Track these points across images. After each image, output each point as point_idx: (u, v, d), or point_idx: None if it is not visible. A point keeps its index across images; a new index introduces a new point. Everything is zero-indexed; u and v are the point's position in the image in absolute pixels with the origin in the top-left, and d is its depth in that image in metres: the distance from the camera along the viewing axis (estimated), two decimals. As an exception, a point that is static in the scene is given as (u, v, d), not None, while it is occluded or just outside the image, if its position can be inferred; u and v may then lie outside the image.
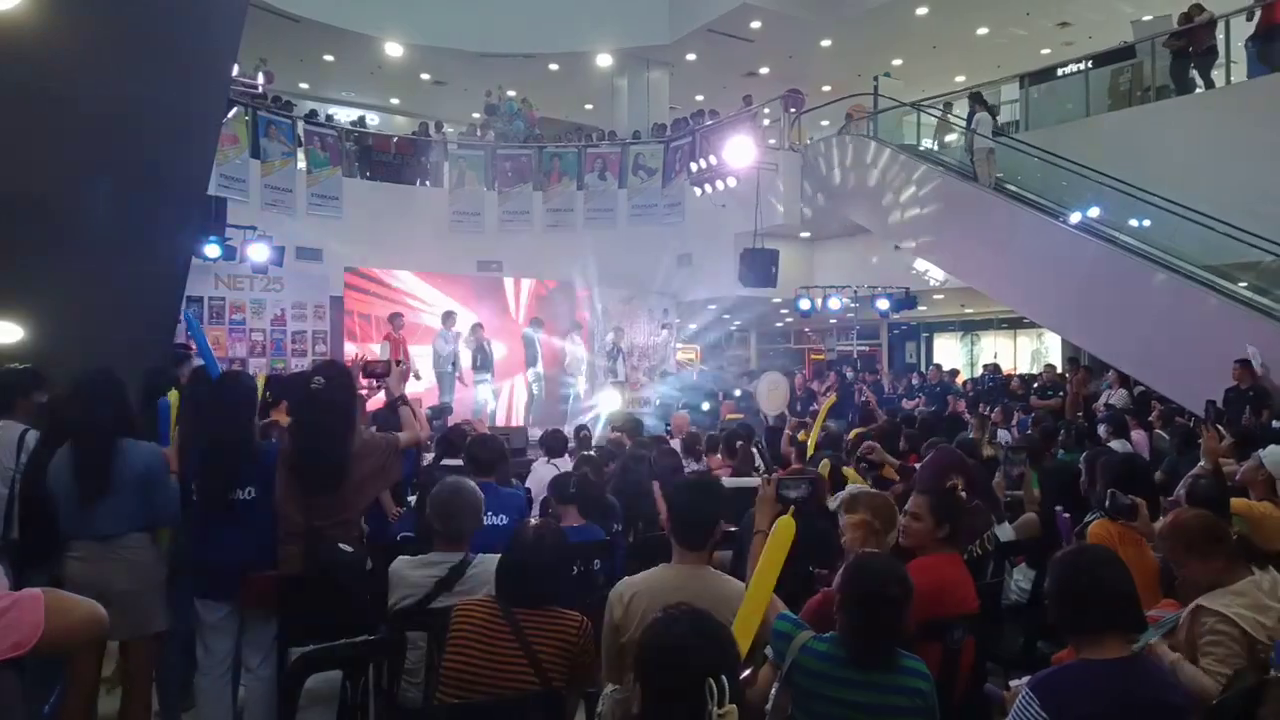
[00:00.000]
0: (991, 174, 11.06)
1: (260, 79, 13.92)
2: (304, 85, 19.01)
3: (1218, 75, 10.33)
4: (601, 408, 12.24)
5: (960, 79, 15.58)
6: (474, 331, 11.78)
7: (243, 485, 3.18)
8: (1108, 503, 3.49)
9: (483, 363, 11.78)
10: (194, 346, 5.97)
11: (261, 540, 3.17)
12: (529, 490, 5.03)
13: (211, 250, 9.62)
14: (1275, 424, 5.77)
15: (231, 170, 12.27)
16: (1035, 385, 11.48)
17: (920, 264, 13.02)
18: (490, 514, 3.87)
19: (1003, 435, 8.40)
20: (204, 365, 4.72)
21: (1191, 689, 2.32)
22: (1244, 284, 8.83)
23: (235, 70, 10.22)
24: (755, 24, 15.47)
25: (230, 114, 11.81)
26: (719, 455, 6.19)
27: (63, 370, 3.76)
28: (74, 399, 3.27)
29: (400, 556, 3.04)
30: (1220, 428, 5.61)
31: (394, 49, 16.70)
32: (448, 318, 11.52)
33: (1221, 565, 2.59)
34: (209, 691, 3.24)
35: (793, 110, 14.27)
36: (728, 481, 3.83)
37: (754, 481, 4.17)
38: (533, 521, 2.61)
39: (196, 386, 3.81)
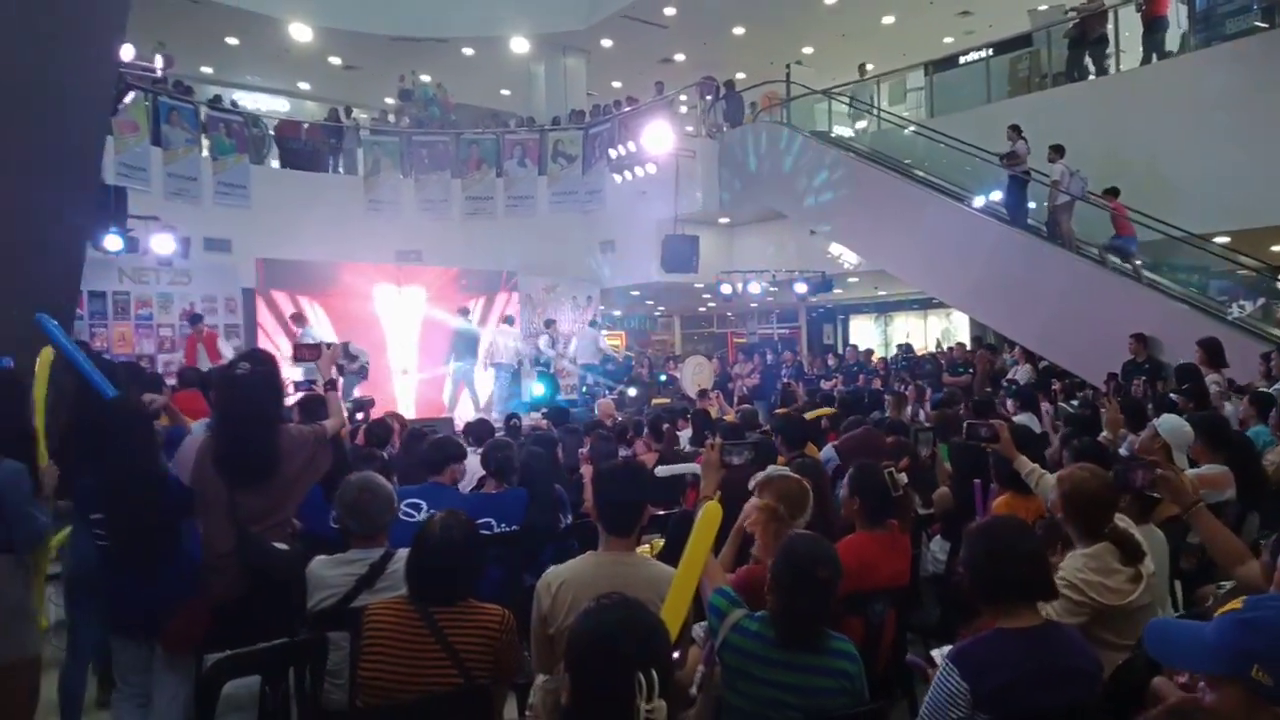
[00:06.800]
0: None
1: (159, 62, 13.26)
2: (207, 69, 18.23)
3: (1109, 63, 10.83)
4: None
5: (870, 67, 15.92)
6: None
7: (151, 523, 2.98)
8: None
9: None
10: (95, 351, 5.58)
11: (175, 573, 2.97)
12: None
13: (112, 242, 9.10)
14: (1173, 396, 6.07)
15: (131, 159, 11.74)
16: (944, 362, 11.85)
17: (835, 248, 13.30)
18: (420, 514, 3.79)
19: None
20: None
21: None
22: (1138, 262, 9.30)
23: (132, 53, 9.71)
24: (669, 10, 15.49)
25: (128, 99, 11.23)
26: (643, 440, 6.22)
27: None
28: None
29: (317, 557, 2.95)
30: (1119, 399, 5.89)
31: (301, 32, 16.11)
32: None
33: (1094, 528, 2.72)
34: (122, 714, 3.11)
35: (709, 98, 14.36)
36: (660, 470, 3.79)
37: (690, 467, 4.18)
38: (437, 515, 2.50)
39: (84, 410, 3.54)
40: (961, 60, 13.04)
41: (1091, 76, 10.73)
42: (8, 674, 2.93)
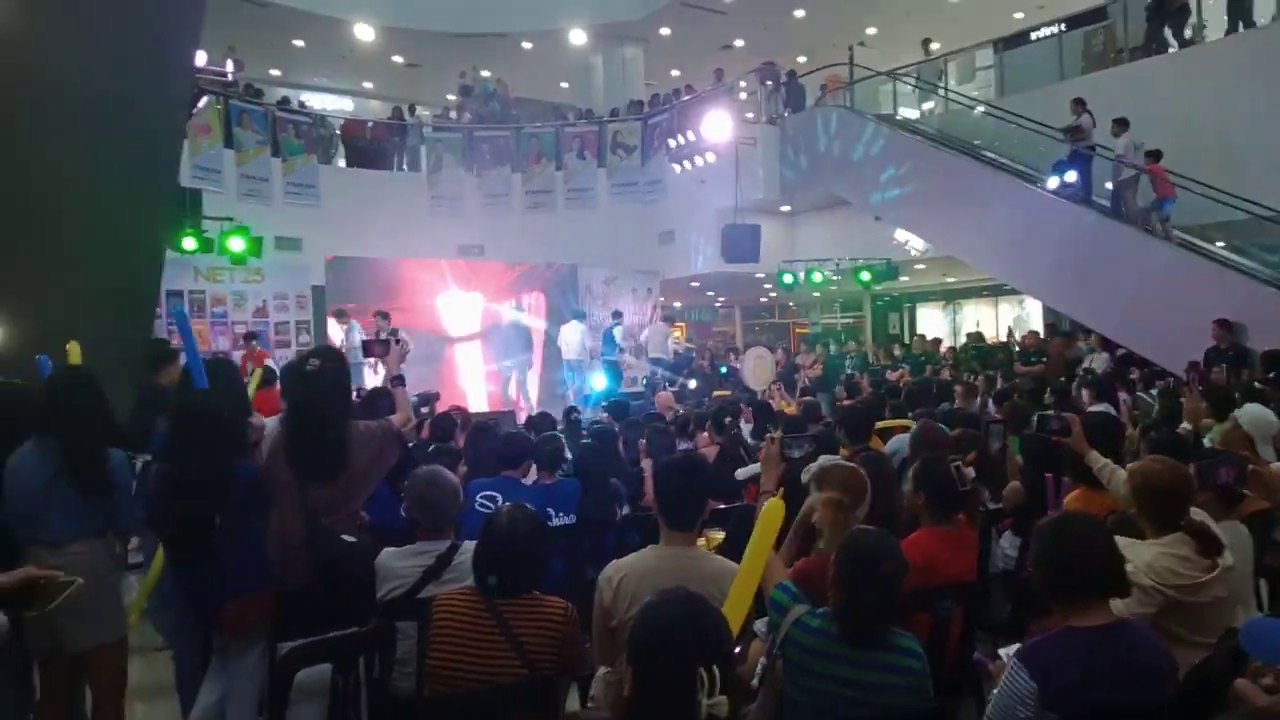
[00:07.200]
0: None
1: (229, 66, 13.70)
2: (275, 72, 18.74)
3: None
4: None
5: (935, 46, 15.52)
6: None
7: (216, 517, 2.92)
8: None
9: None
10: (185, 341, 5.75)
11: (237, 566, 2.92)
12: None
13: (189, 243, 9.48)
14: (1259, 385, 5.80)
15: (206, 161, 12.13)
16: (1017, 350, 11.53)
17: (901, 234, 13.02)
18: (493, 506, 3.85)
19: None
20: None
21: None
22: (1220, 244, 8.89)
23: (204, 58, 10.06)
24: (727, -5, 15.36)
25: (201, 103, 11.62)
26: (706, 433, 6.19)
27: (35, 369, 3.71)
28: (52, 399, 3.16)
29: (386, 549, 3.03)
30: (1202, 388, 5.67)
31: (364, 31, 16.46)
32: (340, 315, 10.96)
33: (1167, 521, 2.62)
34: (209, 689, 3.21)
35: (769, 83, 14.19)
36: (741, 473, 3.73)
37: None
38: (504, 507, 2.55)
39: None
40: (1033, 36, 12.62)
41: (1172, 49, 10.26)
42: (99, 654, 3.09)
